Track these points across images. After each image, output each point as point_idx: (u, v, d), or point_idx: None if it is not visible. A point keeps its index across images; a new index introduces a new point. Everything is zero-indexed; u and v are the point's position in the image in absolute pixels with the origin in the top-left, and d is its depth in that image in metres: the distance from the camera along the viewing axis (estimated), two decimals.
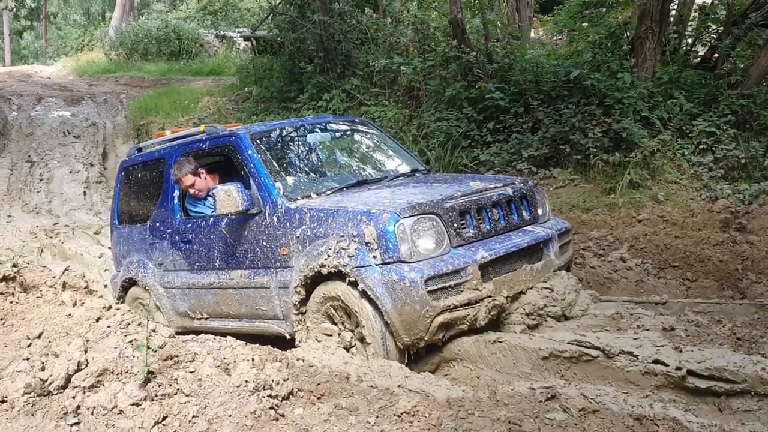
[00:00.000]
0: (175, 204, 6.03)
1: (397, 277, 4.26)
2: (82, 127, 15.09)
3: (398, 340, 4.38)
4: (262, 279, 5.16)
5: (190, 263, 5.84)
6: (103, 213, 11.97)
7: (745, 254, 6.21)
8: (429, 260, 4.36)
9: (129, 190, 6.85)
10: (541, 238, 5.04)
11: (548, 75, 9.83)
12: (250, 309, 5.36)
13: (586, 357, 4.11)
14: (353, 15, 13.31)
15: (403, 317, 4.27)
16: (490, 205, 4.90)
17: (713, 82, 9.44)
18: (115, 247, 6.92)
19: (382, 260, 4.35)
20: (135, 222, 6.58)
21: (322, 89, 12.36)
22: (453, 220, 4.59)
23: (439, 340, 4.46)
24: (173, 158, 6.08)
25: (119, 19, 28.67)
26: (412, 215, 4.43)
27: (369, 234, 4.40)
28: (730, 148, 8.24)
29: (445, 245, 4.48)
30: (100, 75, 22.62)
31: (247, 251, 5.27)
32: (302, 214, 4.87)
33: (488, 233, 4.79)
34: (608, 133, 8.61)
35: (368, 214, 4.50)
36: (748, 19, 9.65)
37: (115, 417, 3.19)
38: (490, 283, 4.51)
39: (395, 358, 4.42)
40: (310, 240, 4.76)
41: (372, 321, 4.42)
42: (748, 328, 4.55)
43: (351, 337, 4.65)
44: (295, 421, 3.15)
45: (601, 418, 3.10)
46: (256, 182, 5.22)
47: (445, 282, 4.31)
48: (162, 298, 6.18)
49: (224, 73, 20.34)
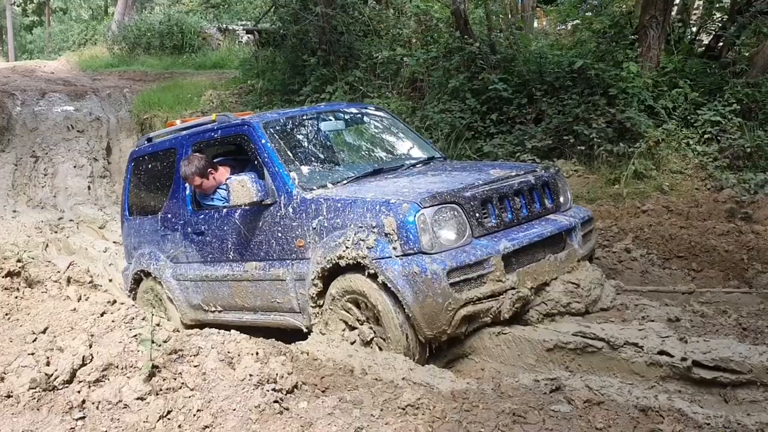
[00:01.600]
0: (187, 195, 5.95)
1: (419, 269, 4.16)
2: (86, 122, 15.07)
3: (420, 334, 4.28)
4: (278, 271, 5.07)
5: (203, 255, 5.77)
6: (107, 207, 11.98)
7: (750, 244, 6.18)
8: (451, 251, 4.26)
9: (139, 180, 6.76)
10: (565, 227, 4.90)
11: (552, 65, 9.77)
12: (266, 301, 5.29)
13: (591, 348, 4.11)
14: (356, 7, 13.25)
15: (425, 310, 4.17)
16: (512, 193, 4.76)
17: (718, 71, 9.40)
18: (126, 239, 6.86)
19: (402, 252, 4.24)
20: (146, 213, 6.51)
21: (325, 82, 12.32)
22: (474, 210, 4.47)
23: (461, 333, 4.36)
24: (184, 148, 6.01)
25: (122, 14, 28.61)
26: (432, 205, 4.31)
27: (389, 225, 4.30)
28: (735, 138, 8.20)
29: (466, 236, 4.37)
30: (104, 69, 22.57)
31: (262, 243, 5.18)
32: (318, 205, 4.76)
33: (510, 223, 4.67)
34: (612, 123, 8.57)
35: (387, 204, 4.39)
36: (752, 7, 9.58)
37: (120, 411, 3.20)
38: (513, 274, 4.40)
39: (416, 352, 4.34)
40: (327, 231, 4.67)
41: (392, 314, 4.32)
42: (753, 319, 4.54)
43: (370, 331, 4.56)
44: (299, 415, 3.15)
45: (605, 410, 3.09)
46: (270, 172, 5.12)
47: (467, 273, 4.21)
48: (175, 290, 6.11)
49: (227, 66, 20.28)
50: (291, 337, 4.93)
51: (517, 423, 2.96)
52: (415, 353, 4.33)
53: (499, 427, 2.93)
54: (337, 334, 4.69)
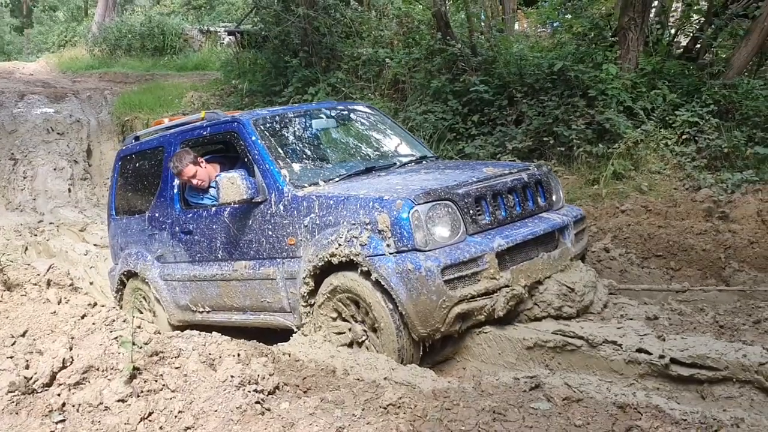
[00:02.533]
0: (175, 193, 5.88)
1: (413, 266, 4.12)
2: (66, 124, 14.95)
3: (413, 332, 4.25)
4: (268, 270, 5.03)
5: (192, 255, 5.71)
6: (88, 210, 11.91)
7: (727, 243, 6.28)
8: (445, 248, 4.23)
9: (126, 180, 6.69)
10: (558, 225, 4.90)
11: (532, 67, 9.84)
12: (255, 301, 5.23)
13: (570, 346, 4.16)
14: (337, 8, 13.27)
15: (418, 308, 4.14)
16: (506, 191, 4.75)
17: (696, 73, 9.51)
18: (113, 239, 6.78)
19: (396, 249, 4.21)
20: (133, 213, 6.44)
21: (307, 83, 12.32)
22: (468, 207, 4.45)
23: (455, 331, 4.34)
24: (172, 146, 5.95)
25: (102, 15, 28.40)
26: (426, 201, 4.28)
27: (382, 221, 4.25)
28: (712, 138, 8.30)
29: (460, 233, 4.35)
30: (84, 71, 22.39)
31: (252, 241, 5.13)
32: (310, 202, 4.72)
33: (504, 220, 4.67)
34: (591, 124, 8.65)
35: (381, 200, 4.36)
36: (728, 10, 9.71)
37: (100, 414, 3.19)
38: (507, 272, 4.39)
39: (410, 350, 4.32)
40: (319, 229, 4.62)
41: (385, 312, 4.28)
42: (730, 316, 4.61)
43: (363, 330, 4.54)
44: (281, 415, 3.16)
45: (584, 407, 3.12)
46: (261, 169, 5.07)
47: (461, 271, 4.19)
48: (162, 290, 6.05)
49: (209, 68, 20.21)
50: (276, 339, 4.93)
51: (497, 421, 2.98)
52: (408, 352, 4.31)
53: (479, 425, 2.95)
54: (329, 333, 4.67)
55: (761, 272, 5.78)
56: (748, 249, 6.16)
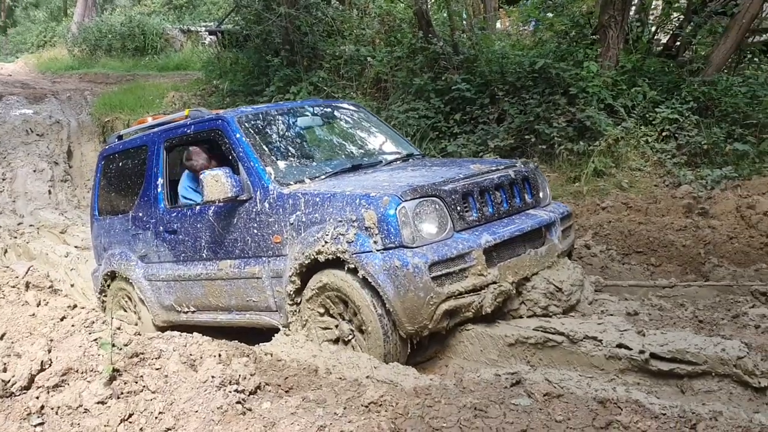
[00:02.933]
0: (159, 192, 5.81)
1: (400, 263, 4.08)
2: (46, 125, 14.78)
3: (401, 329, 4.21)
4: (254, 269, 4.97)
5: (176, 254, 5.64)
6: (69, 212, 11.79)
7: (707, 239, 6.33)
8: (432, 245, 4.20)
9: (110, 179, 6.61)
10: (545, 221, 4.88)
11: (513, 66, 9.89)
12: (241, 300, 5.17)
13: (552, 343, 4.17)
14: (319, 7, 13.24)
15: (406, 305, 4.10)
16: (493, 187, 4.72)
17: (675, 70, 9.60)
18: (96, 239, 6.69)
19: (383, 245, 4.17)
20: (116, 213, 6.36)
21: (289, 82, 12.29)
22: (456, 203, 4.42)
23: (443, 328, 4.30)
24: (156, 145, 5.90)
25: (81, 15, 28.15)
26: (413, 198, 4.25)
27: (369, 218, 4.21)
28: (692, 135, 8.39)
29: (448, 229, 4.32)
30: (64, 72, 22.19)
31: (237, 240, 5.07)
32: (296, 200, 4.67)
33: (491, 217, 4.63)
34: (573, 122, 8.71)
35: (368, 197, 4.31)
36: (707, 8, 9.81)
37: (80, 416, 3.17)
38: (494, 268, 4.36)
39: (398, 348, 4.28)
40: (305, 226, 4.57)
41: (373, 309, 4.24)
42: (709, 311, 4.64)
43: (350, 328, 4.49)
44: (262, 415, 3.14)
45: (565, 403, 3.13)
46: (246, 167, 5.02)
47: (449, 267, 4.16)
48: (146, 291, 5.97)
49: (190, 68, 20.10)
50: (258, 339, 4.91)
51: (478, 417, 2.99)
52: (396, 349, 4.27)
53: (460, 422, 2.95)
54: (315, 332, 4.63)
55: (740, 267, 5.84)
56: (728, 244, 6.22)
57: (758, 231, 6.37)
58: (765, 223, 6.46)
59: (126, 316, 6.29)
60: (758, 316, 4.32)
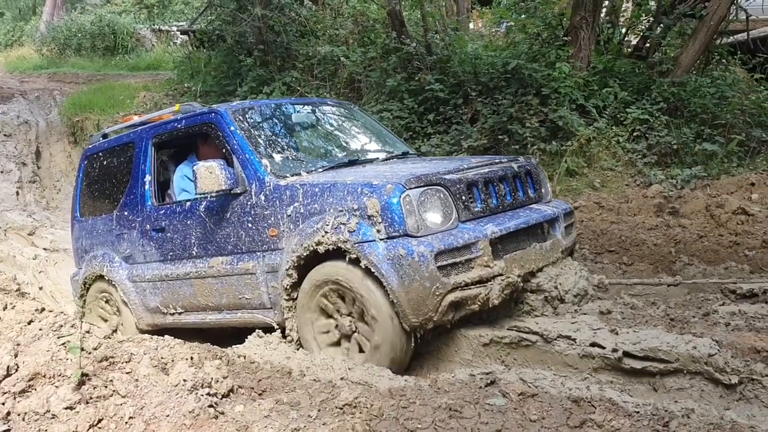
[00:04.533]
0: (146, 190, 5.65)
1: (405, 252, 3.95)
2: (14, 125, 14.52)
3: (405, 322, 4.05)
4: (247, 264, 4.82)
5: (163, 253, 5.48)
6: (37, 213, 11.60)
7: (677, 237, 6.41)
8: (437, 234, 4.07)
9: (93, 179, 6.43)
10: (549, 216, 4.80)
11: (486, 66, 9.93)
12: (233, 299, 5.01)
13: (526, 342, 4.18)
14: (292, 7, 13.18)
15: (410, 295, 3.96)
16: (497, 179, 4.62)
17: (646, 71, 9.72)
18: (77, 242, 6.49)
19: (386, 234, 4.04)
20: (99, 213, 6.19)
21: (262, 82, 12.21)
22: (461, 193, 4.30)
23: (448, 321, 4.14)
24: (143, 141, 5.76)
25: (50, 14, 27.70)
26: (418, 186, 4.13)
27: (372, 206, 4.08)
28: (662, 135, 8.49)
29: (453, 219, 4.19)
30: (32, 71, 21.80)
31: (230, 235, 4.91)
32: (294, 191, 4.54)
33: (496, 209, 4.52)
34: (545, 122, 8.77)
35: (370, 186, 4.18)
36: (676, 10, 9.94)
37: (47, 422, 3.10)
38: (501, 260, 4.23)
39: (401, 341, 4.13)
40: (304, 218, 4.44)
41: (376, 301, 4.09)
42: (680, 309, 4.69)
43: (350, 322, 4.36)
44: (235, 419, 3.10)
45: (539, 402, 3.14)
46: (240, 159, 4.88)
47: (455, 257, 4.03)
48: (130, 293, 5.79)
49: (162, 68, 19.88)
50: (230, 341, 4.86)
51: (453, 417, 2.98)
52: (400, 342, 4.13)
53: (435, 423, 2.95)
54: (312, 328, 4.50)
55: (710, 265, 5.91)
56: (698, 243, 6.30)
57: (727, 229, 6.47)
58: (734, 222, 6.56)
59: (108, 320, 6.13)
60: (728, 313, 4.37)
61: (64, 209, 12.32)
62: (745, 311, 4.35)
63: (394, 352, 4.14)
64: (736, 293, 4.91)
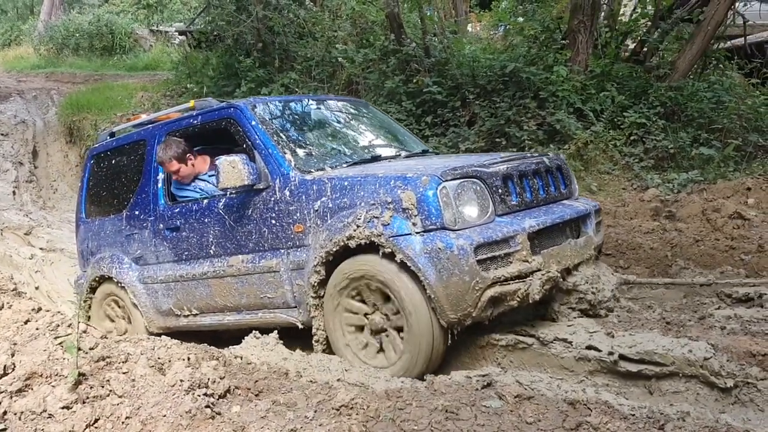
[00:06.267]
0: (159, 188, 5.53)
1: (443, 245, 3.85)
2: (11, 125, 14.50)
3: (442, 317, 3.94)
4: (270, 262, 4.69)
5: (178, 253, 5.34)
6: (33, 213, 11.57)
7: (674, 241, 6.42)
8: (474, 228, 3.98)
9: (100, 179, 6.28)
10: (582, 212, 4.73)
11: (484, 69, 9.95)
12: (254, 298, 4.88)
13: (522, 345, 4.19)
14: (291, 9, 13.18)
15: (449, 290, 3.85)
16: (531, 173, 4.54)
17: (643, 75, 9.74)
18: (82, 244, 6.32)
19: (422, 227, 3.94)
20: (108, 214, 6.04)
21: (260, 83, 12.22)
22: (497, 186, 4.21)
23: (486, 317, 4.02)
24: (156, 139, 5.60)
25: (48, 13, 27.70)
26: (454, 178, 4.04)
27: (407, 199, 3.99)
28: (659, 139, 8.51)
29: (489, 212, 4.10)
30: (29, 71, 21.78)
31: (251, 232, 4.79)
32: (321, 185, 4.43)
33: (530, 203, 4.44)
34: (543, 125, 8.79)
35: (404, 178, 4.09)
36: (674, 14, 9.97)
37: (44, 421, 3.10)
38: (538, 255, 4.15)
39: (437, 338, 4.02)
40: (333, 212, 4.33)
41: (411, 296, 3.98)
42: (676, 313, 4.70)
43: (382, 319, 4.23)
44: (231, 419, 3.11)
45: (535, 404, 3.15)
46: (263, 155, 4.77)
47: (494, 251, 3.93)
48: (141, 295, 5.64)
49: (160, 68, 19.85)
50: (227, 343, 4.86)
51: (449, 419, 2.99)
52: (435, 339, 4.02)
53: (432, 424, 2.95)
54: (341, 325, 4.40)
55: (706, 269, 5.92)
56: (694, 247, 6.31)
57: (723, 234, 6.48)
58: (730, 226, 6.57)
59: (116, 324, 6.04)
60: (724, 317, 4.38)
61: (60, 209, 12.32)
62: (740, 315, 4.36)
63: (429, 349, 4.02)
64: (732, 297, 4.92)
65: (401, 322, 4.11)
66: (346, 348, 4.39)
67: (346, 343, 4.40)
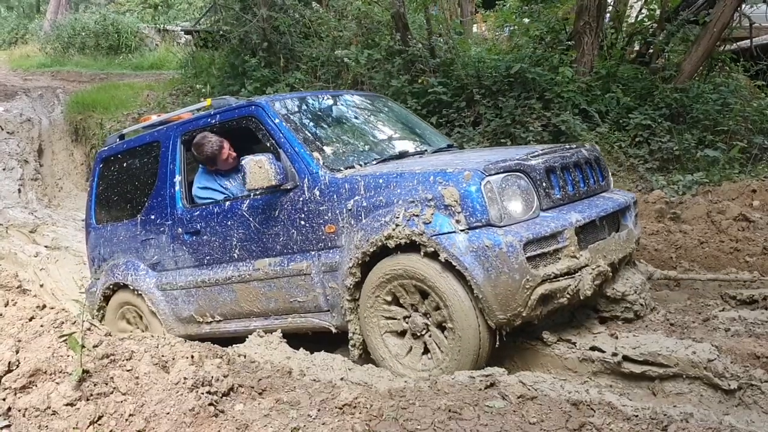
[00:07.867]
0: (177, 191, 5.32)
1: (490, 242, 3.69)
2: (16, 123, 14.55)
3: (490, 318, 3.79)
4: (300, 265, 4.52)
5: (199, 258, 5.16)
6: (38, 211, 11.61)
7: (678, 243, 6.41)
8: (521, 223, 3.84)
9: (111, 183, 6.06)
10: (623, 204, 4.58)
11: (489, 70, 9.94)
12: (283, 303, 4.72)
13: (526, 345, 4.18)
14: (296, 8, 13.20)
15: (498, 289, 3.70)
16: (572, 165, 4.38)
17: (648, 77, 9.72)
18: (93, 250, 6.09)
19: (467, 225, 3.78)
20: (120, 219, 5.84)
21: (265, 83, 12.23)
22: (541, 180, 4.06)
23: (536, 316, 3.88)
24: (171, 140, 5.42)
25: (54, 12, 27.78)
26: (498, 173, 3.88)
27: (449, 195, 3.82)
28: (664, 141, 8.49)
29: (534, 207, 3.97)
30: (36, 69, 21.84)
31: (279, 234, 4.61)
32: (354, 183, 4.26)
33: (573, 196, 4.29)
34: (548, 126, 8.77)
35: (444, 174, 3.92)
36: (680, 16, 9.95)
37: (48, 418, 3.10)
38: (585, 250, 4.00)
39: (485, 339, 3.88)
40: (367, 211, 4.15)
41: (456, 297, 3.82)
42: (680, 314, 4.69)
43: (423, 321, 4.07)
44: (234, 417, 3.12)
45: (539, 405, 3.15)
46: (289, 154, 4.59)
47: (543, 247, 3.79)
48: (159, 302, 5.46)
49: (165, 67, 19.90)
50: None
51: (452, 419, 2.99)
52: (483, 341, 3.88)
53: (435, 424, 2.95)
54: (378, 329, 4.24)
55: (710, 271, 5.92)
56: (698, 249, 6.30)
57: (728, 236, 6.47)
58: (734, 228, 6.55)
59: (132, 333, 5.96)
60: (728, 319, 4.38)
61: (65, 207, 12.36)
62: (744, 317, 4.35)
63: (476, 351, 3.89)
64: (736, 299, 4.91)
65: (440, 317, 3.97)
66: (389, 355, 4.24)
67: (385, 347, 4.25)
